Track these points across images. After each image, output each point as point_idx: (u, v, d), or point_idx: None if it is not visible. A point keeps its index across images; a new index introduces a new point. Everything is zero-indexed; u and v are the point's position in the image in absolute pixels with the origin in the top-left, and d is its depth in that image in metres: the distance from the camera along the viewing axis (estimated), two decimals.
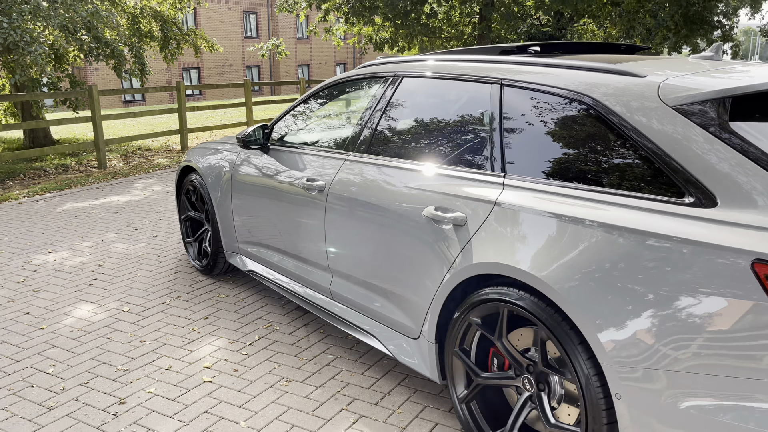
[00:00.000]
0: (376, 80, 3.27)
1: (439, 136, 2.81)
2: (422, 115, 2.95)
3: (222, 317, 3.90)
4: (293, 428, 2.71)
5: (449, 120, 2.80)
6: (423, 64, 3.04)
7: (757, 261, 1.68)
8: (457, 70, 2.81)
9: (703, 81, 2.06)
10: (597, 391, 1.98)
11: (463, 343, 2.49)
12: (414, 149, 2.88)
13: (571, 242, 2.07)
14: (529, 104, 2.45)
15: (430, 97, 2.94)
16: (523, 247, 2.21)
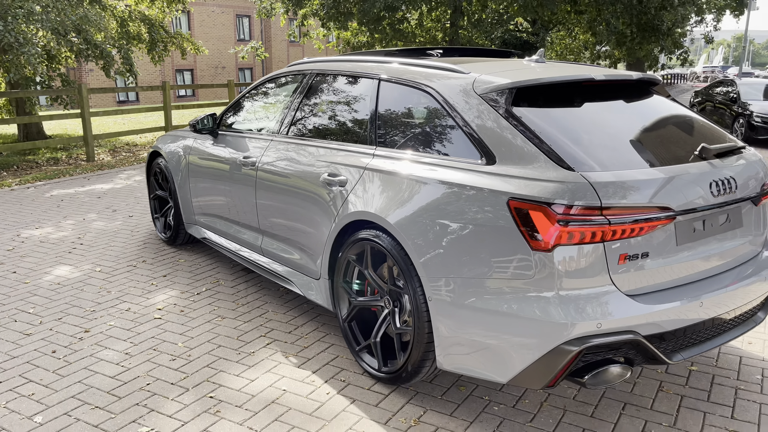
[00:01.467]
0: (298, 76, 4.02)
1: (337, 119, 3.57)
2: (326, 103, 3.71)
3: (178, 275, 4.64)
4: (219, 348, 3.46)
5: (344, 107, 3.56)
6: (330, 64, 3.80)
7: (511, 198, 2.44)
8: (352, 69, 3.57)
9: (502, 78, 2.80)
10: (420, 298, 2.72)
11: (346, 276, 3.24)
12: (319, 131, 3.64)
13: (409, 194, 2.83)
14: (395, 94, 3.21)
15: (333, 89, 3.70)
16: (379, 199, 2.96)
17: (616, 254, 2.39)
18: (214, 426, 2.71)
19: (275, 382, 3.09)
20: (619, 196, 2.37)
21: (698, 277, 2.63)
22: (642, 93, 3.15)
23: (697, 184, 2.55)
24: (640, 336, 2.39)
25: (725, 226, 2.74)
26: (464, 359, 2.63)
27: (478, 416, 2.81)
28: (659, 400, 2.96)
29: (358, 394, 2.99)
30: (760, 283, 2.79)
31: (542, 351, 2.37)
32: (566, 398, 2.97)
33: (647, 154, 2.63)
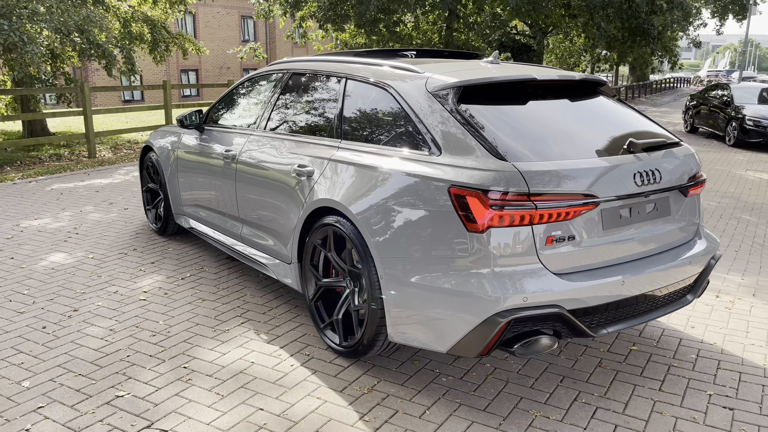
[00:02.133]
0: (276, 75, 4.30)
1: (308, 115, 3.85)
2: (299, 100, 3.99)
3: (165, 262, 4.93)
4: (197, 326, 3.73)
5: (315, 103, 3.84)
6: (305, 64, 4.07)
7: (451, 186, 2.70)
8: (323, 68, 3.84)
9: (451, 77, 3.06)
10: (374, 277, 2.99)
11: (313, 259, 3.51)
12: (292, 125, 3.91)
13: (366, 182, 3.10)
14: (359, 91, 3.48)
15: (306, 87, 3.98)
16: (340, 187, 3.23)
17: (543, 236, 2.65)
18: (185, 392, 2.99)
19: (245, 355, 3.37)
20: (545, 184, 2.63)
21: (624, 260, 2.89)
22: (586, 93, 3.41)
23: (621, 175, 2.81)
24: (565, 310, 2.65)
25: (653, 214, 2.99)
26: (411, 332, 2.90)
27: (427, 386, 3.08)
28: (596, 375, 3.22)
29: (320, 366, 3.26)
30: (685, 267, 3.04)
31: (476, 322, 2.63)
32: (510, 372, 3.23)
33: (577, 147, 2.89)
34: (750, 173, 11.15)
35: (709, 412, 2.88)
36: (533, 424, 2.76)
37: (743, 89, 16.51)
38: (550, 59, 25.21)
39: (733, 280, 4.83)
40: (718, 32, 44.18)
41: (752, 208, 8.19)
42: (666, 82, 46.84)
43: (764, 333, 3.76)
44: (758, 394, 3.03)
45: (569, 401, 2.96)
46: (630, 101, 33.33)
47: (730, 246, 6.13)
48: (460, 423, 2.76)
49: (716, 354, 3.47)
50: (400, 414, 2.83)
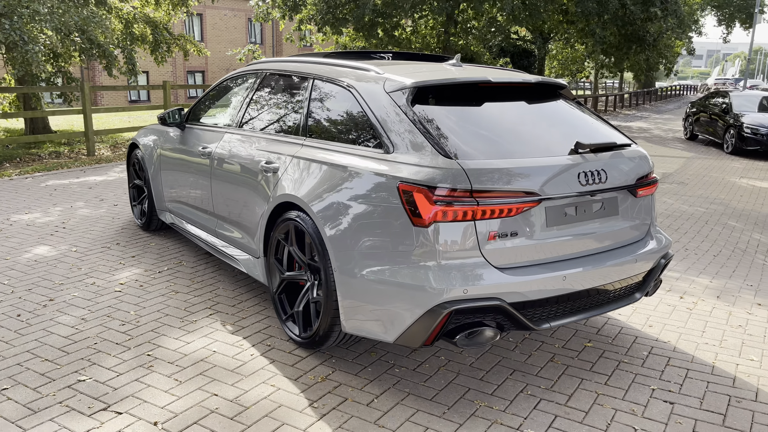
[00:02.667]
0: (252, 75, 4.42)
1: (278, 113, 3.97)
2: (271, 99, 4.11)
3: (146, 256, 5.05)
4: (166, 316, 3.85)
5: (285, 102, 3.96)
6: (279, 64, 4.19)
7: (400, 182, 2.81)
8: (294, 68, 3.96)
9: (407, 78, 3.17)
10: (329, 270, 3.10)
11: (277, 254, 3.62)
12: (263, 124, 4.03)
13: (324, 178, 3.21)
14: (324, 91, 3.59)
15: (278, 87, 4.10)
16: (301, 183, 3.34)
17: (486, 232, 2.75)
18: (145, 377, 3.10)
19: (208, 344, 3.48)
20: (488, 182, 2.73)
21: (569, 256, 2.98)
22: (545, 95, 3.51)
23: (565, 174, 2.90)
24: (506, 303, 2.74)
25: (600, 212, 3.09)
26: (362, 323, 3.00)
27: (379, 376, 3.18)
28: (546, 369, 3.31)
29: (279, 356, 3.37)
30: (631, 265, 3.13)
31: (419, 313, 2.73)
32: (463, 365, 3.33)
33: (526, 147, 2.99)
34: (744, 181, 11.19)
35: (649, 405, 2.96)
36: (476, 414, 2.85)
37: (743, 97, 16.53)
38: (552, 65, 25.29)
39: (702, 282, 4.90)
40: (724, 40, 44.21)
41: (740, 215, 8.25)
42: (672, 89, 46.77)
43: (720, 333, 3.84)
44: (701, 390, 3.11)
45: (515, 393, 3.05)
46: (633, 108, 33.35)
47: (709, 251, 6.19)
48: (405, 411, 2.86)
49: (668, 352, 3.55)
50: (348, 402, 2.93)
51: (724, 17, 42.65)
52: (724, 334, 3.83)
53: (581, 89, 40.33)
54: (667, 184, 10.29)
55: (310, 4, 13.71)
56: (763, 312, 4.24)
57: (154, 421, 2.72)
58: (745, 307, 4.32)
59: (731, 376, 3.27)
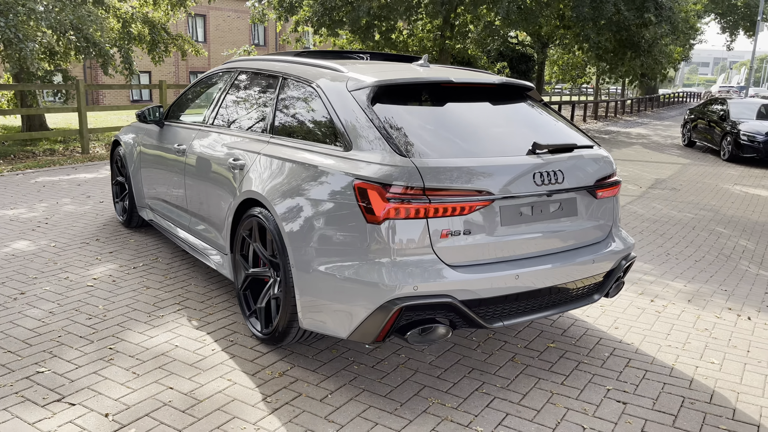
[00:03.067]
0: (226, 73, 4.46)
1: (248, 111, 4.00)
2: (243, 97, 4.14)
3: (123, 252, 5.08)
4: (134, 311, 3.87)
5: (255, 100, 3.99)
6: (252, 63, 4.22)
7: (356, 179, 2.83)
8: (266, 67, 3.99)
9: (369, 77, 3.19)
10: (288, 266, 3.12)
11: (242, 250, 3.64)
12: (234, 121, 4.06)
13: (285, 175, 3.23)
14: (292, 89, 3.62)
15: (250, 85, 4.13)
16: (265, 180, 3.37)
17: (438, 229, 2.77)
18: (103, 370, 3.13)
19: (171, 339, 3.50)
20: (440, 180, 2.75)
21: (524, 255, 3.00)
22: (510, 96, 3.53)
23: (520, 174, 2.92)
24: (457, 300, 2.76)
25: (557, 213, 3.10)
26: (318, 319, 3.02)
27: (337, 373, 3.19)
28: (505, 368, 3.32)
29: (240, 351, 3.39)
30: (587, 266, 3.14)
31: (371, 309, 2.75)
32: (422, 362, 3.34)
33: (483, 147, 3.01)
34: (737, 188, 11.17)
35: (602, 405, 2.97)
36: (427, 410, 2.87)
37: (741, 104, 16.51)
38: (553, 70, 25.30)
39: (675, 286, 4.91)
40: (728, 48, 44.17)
41: (729, 221, 8.24)
42: (675, 96, 46.70)
43: (685, 336, 3.85)
44: (656, 391, 3.12)
45: (470, 391, 3.06)
46: (635, 114, 33.33)
47: (692, 256, 6.19)
48: (357, 407, 2.88)
49: (630, 353, 3.56)
50: (302, 397, 2.95)
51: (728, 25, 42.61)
52: (688, 337, 3.83)
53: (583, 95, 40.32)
54: (659, 190, 10.29)
55: (306, 5, 13.78)
56: (731, 316, 4.25)
57: (106, 412, 2.74)
58: (714, 311, 4.33)
59: (689, 378, 3.27)
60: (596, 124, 25.18)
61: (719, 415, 2.92)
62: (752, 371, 3.40)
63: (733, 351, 3.65)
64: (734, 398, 3.08)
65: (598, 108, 27.62)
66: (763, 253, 6.76)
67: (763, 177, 12.71)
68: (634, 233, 6.93)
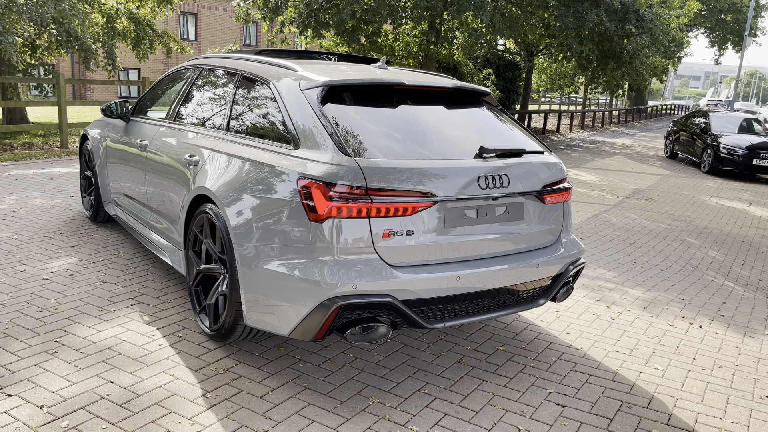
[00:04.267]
0: (190, 70, 4.46)
1: (206, 108, 4.01)
2: (202, 94, 4.15)
3: (86, 247, 5.06)
4: (86, 305, 3.86)
5: (213, 97, 3.99)
6: (214, 60, 4.23)
7: (300, 177, 2.84)
8: (225, 65, 4.00)
9: (321, 76, 3.21)
10: (233, 263, 3.12)
11: (195, 246, 3.64)
12: (192, 118, 4.07)
13: (234, 172, 3.24)
14: (247, 87, 3.63)
15: (210, 82, 4.14)
16: (215, 177, 3.37)
17: (380, 229, 2.78)
18: (45, 363, 3.11)
19: (119, 333, 3.49)
20: (383, 180, 2.77)
21: (468, 257, 3.02)
22: (465, 101, 3.56)
23: (464, 177, 2.95)
24: (397, 300, 2.77)
25: (503, 216, 3.13)
26: (261, 316, 3.03)
27: (281, 371, 3.20)
28: (451, 369, 3.34)
29: (187, 347, 3.39)
30: (532, 270, 3.17)
31: (311, 306, 2.76)
32: (369, 362, 3.36)
33: (429, 149, 3.04)
34: (714, 200, 11.29)
35: (540, 407, 3.00)
36: (366, 409, 2.88)
37: (723, 118, 16.70)
38: (541, 78, 25.46)
39: (634, 294, 4.95)
40: (716, 62, 44.62)
41: (701, 232, 8.32)
42: (664, 108, 47.10)
43: (634, 342, 3.88)
44: (596, 395, 3.15)
45: (412, 391, 3.08)
46: (623, 125, 33.58)
47: (658, 265, 6.25)
48: (296, 404, 2.88)
49: (577, 358, 3.59)
50: (243, 393, 2.95)
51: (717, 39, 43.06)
52: (637, 343, 3.87)
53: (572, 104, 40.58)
54: (635, 200, 10.37)
55: (291, 6, 13.79)
56: (683, 324, 4.29)
57: (41, 404, 2.73)
58: (667, 319, 4.37)
59: (630, 383, 3.31)
60: (582, 134, 25.35)
61: (654, 419, 2.96)
62: (694, 378, 3.44)
63: (679, 358, 3.70)
64: (672, 403, 3.12)
65: (585, 117, 27.80)
66: (731, 264, 6.84)
67: (740, 190, 12.85)
68: (604, 242, 6.99)
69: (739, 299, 5.27)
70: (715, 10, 39.53)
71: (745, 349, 3.94)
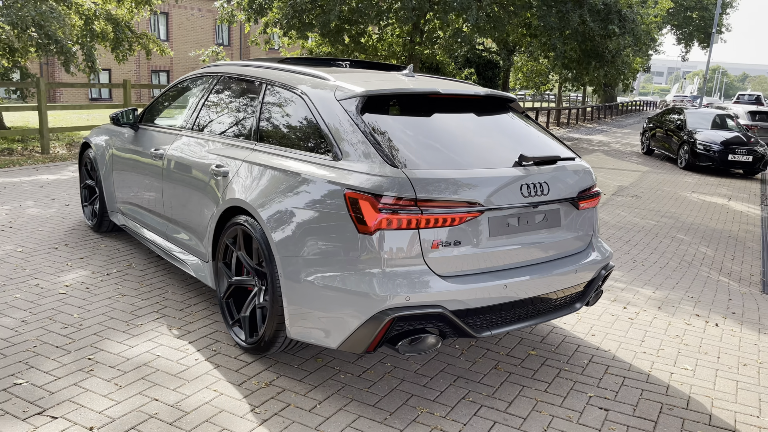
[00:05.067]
0: (206, 78, 4.40)
1: (230, 117, 3.96)
2: (224, 103, 4.10)
3: (95, 258, 4.96)
4: (111, 320, 3.79)
5: (238, 106, 3.95)
6: (234, 68, 4.18)
7: (347, 190, 2.84)
8: (248, 73, 3.96)
9: (358, 87, 3.20)
10: (275, 276, 3.10)
11: (225, 258, 3.60)
12: (215, 127, 4.02)
13: (273, 183, 3.21)
14: (276, 96, 3.60)
15: (232, 91, 4.09)
16: (250, 188, 3.34)
17: (429, 240, 2.79)
18: (84, 381, 3.05)
19: (152, 348, 3.44)
20: (433, 191, 2.78)
21: (511, 266, 3.05)
22: (494, 108, 3.59)
23: (508, 186, 2.97)
24: (447, 311, 2.79)
25: (542, 224, 3.17)
26: (306, 329, 3.01)
27: (324, 382, 3.19)
28: (489, 376, 3.37)
29: (224, 361, 3.35)
30: (571, 275, 3.22)
31: (363, 319, 2.76)
32: (408, 371, 3.37)
33: (471, 158, 3.06)
34: (695, 195, 11.56)
35: (585, 411, 3.04)
36: (417, 420, 2.89)
37: (697, 115, 17.10)
38: (517, 77, 25.73)
39: (645, 293, 5.05)
40: (683, 59, 45.66)
41: (689, 228, 8.52)
42: (633, 104, 48.01)
43: (658, 342, 3.97)
44: (635, 398, 3.21)
45: (457, 399, 3.10)
46: (595, 121, 34.12)
47: (657, 263, 6.39)
48: (346, 416, 2.88)
49: (607, 360, 3.65)
50: (291, 407, 2.93)
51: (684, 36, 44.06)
52: (661, 343, 3.96)
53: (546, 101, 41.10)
54: (622, 197, 10.56)
55: (275, 7, 13.68)
56: (700, 323, 4.40)
57: (90, 426, 2.68)
58: (684, 318, 4.48)
59: (665, 384, 3.38)
60: (559, 131, 25.68)
61: (696, 420, 3.03)
62: (724, 377, 3.53)
63: (705, 357, 3.79)
64: (709, 404, 3.20)
65: (560, 115, 28.18)
66: (722, 260, 7.02)
67: (718, 185, 13.18)
68: (603, 240, 7.11)
69: (741, 296, 5.42)
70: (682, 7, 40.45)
71: (763, 346, 4.06)
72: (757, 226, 9.31)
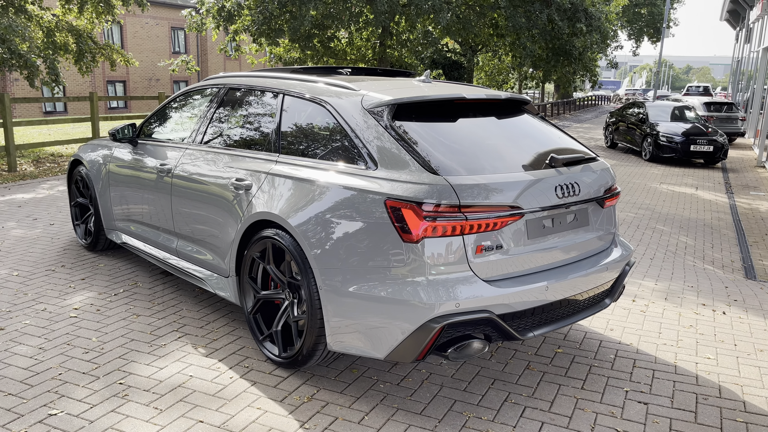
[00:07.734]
0: (213, 89, 4.32)
1: (245, 129, 3.90)
2: (237, 115, 4.04)
3: (97, 278, 4.81)
4: (132, 341, 3.68)
5: (253, 118, 3.90)
6: (242, 79, 4.12)
7: (387, 198, 2.83)
8: (261, 84, 3.91)
9: (386, 95, 3.20)
10: (313, 288, 3.07)
11: (251, 272, 3.55)
12: (229, 140, 3.95)
13: (305, 195, 3.18)
14: (297, 107, 3.57)
15: (243, 102, 4.03)
16: (279, 201, 3.30)
17: (473, 245, 2.81)
18: (121, 407, 2.96)
19: (183, 369, 3.36)
20: (475, 197, 2.80)
21: (548, 267, 3.10)
22: (512, 110, 3.63)
23: (544, 188, 3.02)
24: (494, 315, 2.81)
25: (573, 224, 3.22)
26: (349, 340, 2.99)
27: (365, 393, 3.17)
28: (524, 376, 3.40)
29: (260, 377, 3.30)
30: (603, 273, 3.28)
31: (411, 329, 2.75)
32: (444, 376, 3.38)
33: (504, 162, 3.09)
34: (664, 186, 11.91)
35: (626, 407, 3.11)
36: (467, 425, 2.90)
37: (657, 107, 17.62)
38: (479, 76, 26.05)
39: (648, 285, 5.19)
40: (634, 53, 46.99)
41: (666, 218, 8.78)
42: (588, 99, 49.14)
43: (674, 333, 4.08)
44: (670, 390, 3.29)
45: (500, 402, 3.12)
46: (555, 117, 34.79)
47: (645, 254, 6.56)
48: (397, 426, 2.87)
49: (632, 354, 3.74)
50: (339, 420, 2.91)
51: (634, 32, 45.36)
52: (678, 334, 4.07)
53: None
54: None
55: (245, 14, 13.52)
56: (708, 312, 4.54)
57: None
58: (691, 308, 4.61)
59: (693, 375, 3.48)
60: None
61: (732, 408, 3.13)
62: (746, 364, 3.65)
63: (722, 345, 3.91)
64: (739, 391, 3.31)
65: None
66: (703, 248, 7.27)
67: (683, 175, 13.61)
68: None
69: (734, 283, 5.61)
70: (632, 4, 41.64)
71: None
72: (727, 213, 9.66)
